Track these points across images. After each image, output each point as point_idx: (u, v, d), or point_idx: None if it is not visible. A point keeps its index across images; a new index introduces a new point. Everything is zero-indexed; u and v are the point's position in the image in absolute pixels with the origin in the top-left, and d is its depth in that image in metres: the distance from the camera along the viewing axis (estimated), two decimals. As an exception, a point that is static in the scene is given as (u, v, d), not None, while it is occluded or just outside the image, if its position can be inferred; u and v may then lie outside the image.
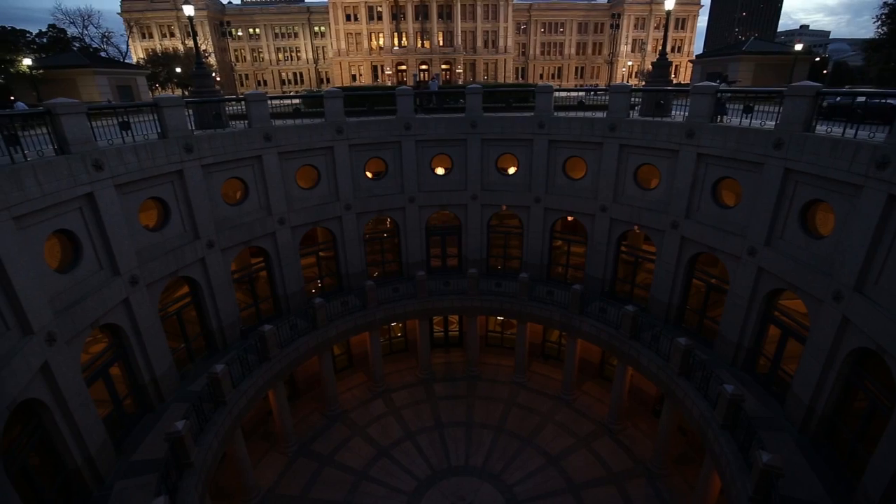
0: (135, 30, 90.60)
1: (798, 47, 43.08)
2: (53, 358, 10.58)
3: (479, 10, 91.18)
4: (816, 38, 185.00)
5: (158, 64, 71.08)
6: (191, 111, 17.04)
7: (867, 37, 46.99)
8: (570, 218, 22.44)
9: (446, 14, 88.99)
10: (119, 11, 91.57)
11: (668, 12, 20.15)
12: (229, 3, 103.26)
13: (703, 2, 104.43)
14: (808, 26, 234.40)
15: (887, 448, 9.60)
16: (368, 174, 22.03)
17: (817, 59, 59.30)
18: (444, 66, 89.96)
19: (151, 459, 12.45)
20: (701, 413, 14.10)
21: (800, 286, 13.04)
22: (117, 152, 12.86)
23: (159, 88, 70.89)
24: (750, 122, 15.16)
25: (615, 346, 18.56)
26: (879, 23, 40.48)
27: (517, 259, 24.34)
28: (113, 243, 12.79)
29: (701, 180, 16.66)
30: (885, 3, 39.48)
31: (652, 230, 18.94)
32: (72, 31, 70.35)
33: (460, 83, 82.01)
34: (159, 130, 14.91)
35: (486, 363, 24.56)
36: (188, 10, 19.00)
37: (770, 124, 14.47)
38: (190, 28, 20.41)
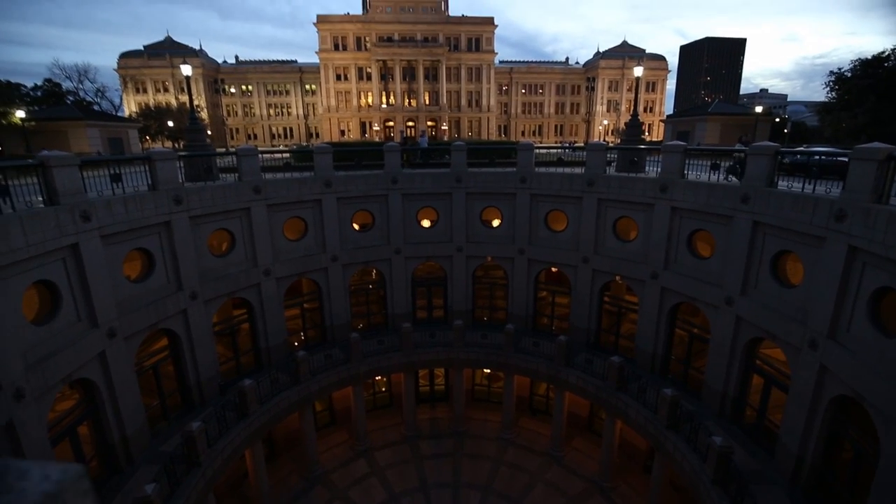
0: (129, 84, 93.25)
1: (758, 109, 46.47)
2: (18, 416, 10.08)
3: (464, 73, 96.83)
4: (775, 101, 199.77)
5: (150, 117, 72.71)
6: (181, 163, 17.39)
7: (821, 100, 51.25)
8: (553, 269, 22.87)
9: (432, 75, 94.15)
10: (115, 67, 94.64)
11: (638, 78, 21.83)
12: (224, 61, 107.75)
13: (670, 67, 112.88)
14: (767, 90, 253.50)
15: (876, 499, 9.54)
16: (355, 226, 22.37)
17: (777, 119, 63.93)
18: (430, 123, 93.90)
19: (115, 528, 11.58)
20: (691, 467, 13.85)
21: (777, 334, 13.37)
22: (106, 203, 12.97)
23: (149, 141, 72.05)
24: (718, 179, 16.11)
25: (603, 398, 18.38)
26: (828, 89, 44.39)
27: (503, 310, 24.43)
28: (94, 294, 12.59)
29: (676, 232, 17.36)
30: (831, 72, 43.70)
31: (633, 281, 19.39)
32: (67, 85, 72.23)
33: (445, 139, 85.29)
34: (150, 182, 15.14)
35: (473, 418, 23.89)
36: (186, 69, 19.88)
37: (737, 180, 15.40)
38: (186, 86, 21.22)
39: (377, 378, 24.01)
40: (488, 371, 25.22)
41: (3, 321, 9.75)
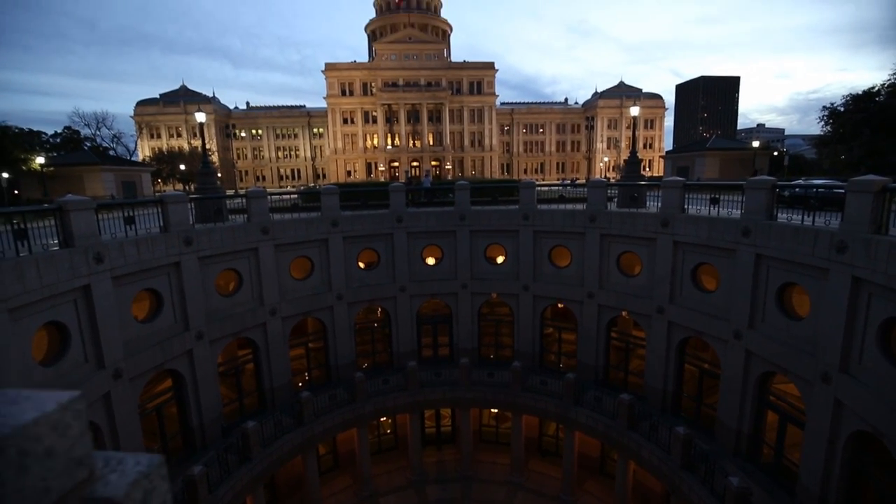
0: (144, 130, 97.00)
1: (755, 144, 47.40)
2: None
3: (466, 114, 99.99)
4: (773, 135, 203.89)
5: (163, 161, 75.17)
6: (193, 206, 17.91)
7: (817, 133, 52.50)
8: (559, 305, 22.79)
9: (436, 117, 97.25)
10: (132, 114, 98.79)
11: (635, 118, 22.54)
12: (235, 107, 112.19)
13: (667, 105, 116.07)
14: (763, 125, 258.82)
15: (905, 544, 9.10)
16: (361, 265, 22.61)
17: (775, 153, 65.06)
18: (433, 163, 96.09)
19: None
20: (709, 510, 13.28)
21: (788, 368, 13.14)
22: (119, 245, 13.32)
23: (161, 184, 74.13)
24: (718, 212, 16.30)
25: (613, 437, 17.87)
26: (823, 123, 45.48)
27: (509, 347, 24.18)
28: (102, 335, 12.71)
29: (680, 266, 17.41)
30: (824, 107, 44.92)
31: (639, 315, 19.26)
32: (85, 132, 75.42)
33: (449, 178, 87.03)
34: (161, 224, 15.56)
35: (481, 461, 23.17)
36: (200, 116, 20.82)
37: (737, 213, 15.59)
38: (199, 132, 22.15)
39: (382, 419, 23.55)
40: (496, 411, 24.67)
41: (12, 362, 9.84)
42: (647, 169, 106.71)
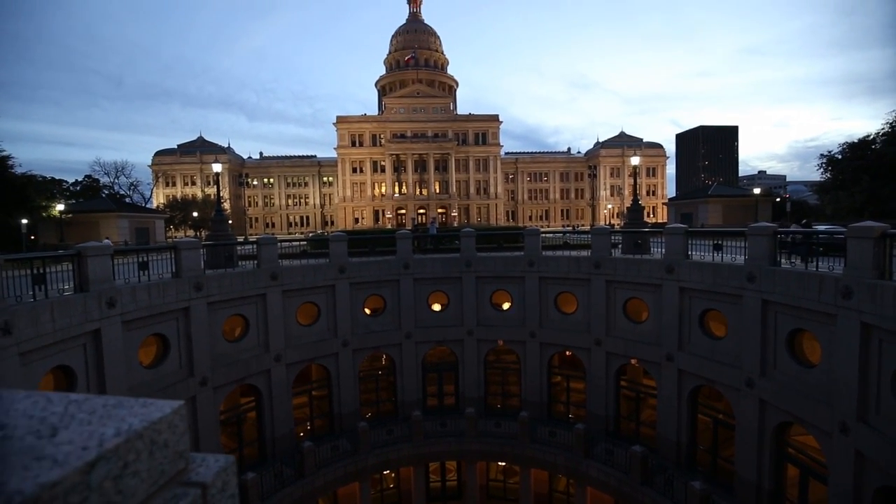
0: (160, 179, 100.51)
1: (757, 190, 48.09)
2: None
3: (472, 164, 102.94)
4: (775, 181, 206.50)
5: (177, 209, 77.38)
6: (204, 251, 18.33)
7: (818, 179, 53.34)
8: (567, 353, 22.47)
9: (442, 167, 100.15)
10: (150, 164, 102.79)
11: (636, 167, 23.19)
12: (249, 157, 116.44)
13: (668, 153, 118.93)
14: (765, 171, 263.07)
15: None
16: (367, 311, 22.64)
17: (777, 199, 65.79)
18: (440, 210, 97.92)
19: None
20: (733, 575, 12.45)
21: (805, 419, 12.74)
22: (131, 290, 13.59)
23: (173, 230, 75.85)
24: (722, 258, 16.41)
25: (627, 493, 17.07)
26: (822, 170, 46.39)
27: (516, 396, 23.61)
28: (108, 381, 12.71)
29: (688, 312, 17.30)
30: (821, 155, 46.05)
31: (649, 363, 18.92)
32: (105, 180, 78.43)
33: (455, 225, 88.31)
34: (174, 270, 15.90)
35: (489, 517, 22.02)
36: (217, 167, 21.77)
37: (741, 258, 15.69)
38: (215, 181, 23.04)
39: (385, 472, 22.68)
40: (503, 464, 23.73)
41: (18, 408, 9.84)
42: (651, 215, 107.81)
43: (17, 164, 41.96)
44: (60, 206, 42.58)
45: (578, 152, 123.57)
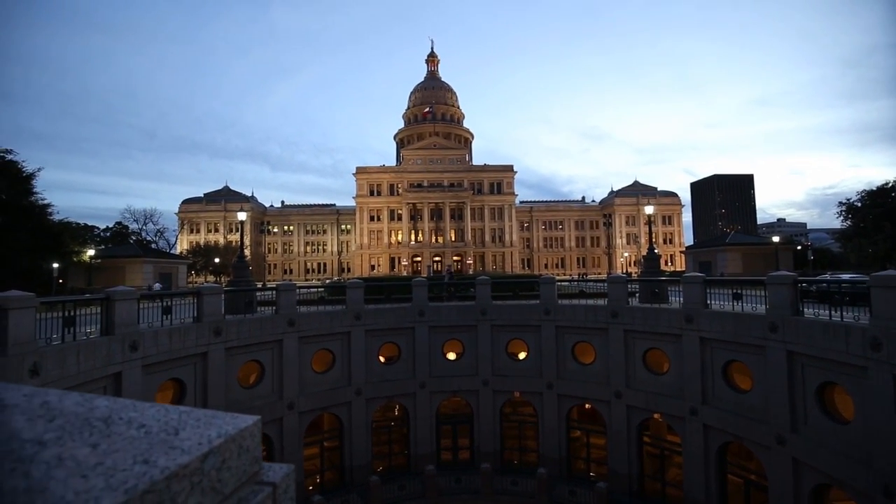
0: (186, 226, 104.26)
1: (776, 239, 47.48)
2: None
3: (487, 212, 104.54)
4: (795, 229, 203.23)
5: (199, 255, 79.70)
6: (224, 297, 18.76)
7: (839, 227, 52.58)
8: (586, 406, 21.73)
9: (458, 215, 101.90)
10: (177, 211, 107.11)
11: (650, 215, 23.37)
12: (270, 205, 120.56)
13: (683, 201, 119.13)
14: (784, 219, 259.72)
15: None
16: (381, 359, 22.50)
17: (798, 247, 64.61)
18: (455, 258, 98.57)
19: None
20: None
21: (843, 480, 11.96)
22: (153, 334, 13.92)
23: (194, 275, 77.72)
24: (742, 308, 16.09)
25: (655, 561, 15.87)
26: (842, 218, 45.92)
27: (534, 451, 22.66)
28: (123, 426, 12.75)
29: (710, 364, 16.79)
30: (840, 202, 45.75)
31: (672, 418, 18.16)
32: (133, 226, 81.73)
33: (470, 273, 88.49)
34: (195, 314, 16.27)
35: (506, 586, 20.53)
36: (242, 216, 22.69)
37: (762, 308, 15.36)
38: (240, 229, 23.96)
39: (397, 532, 21.59)
40: (521, 525, 22.39)
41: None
42: (669, 264, 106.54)
43: (56, 212, 44.32)
44: (91, 252, 44.35)
45: (593, 201, 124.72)
